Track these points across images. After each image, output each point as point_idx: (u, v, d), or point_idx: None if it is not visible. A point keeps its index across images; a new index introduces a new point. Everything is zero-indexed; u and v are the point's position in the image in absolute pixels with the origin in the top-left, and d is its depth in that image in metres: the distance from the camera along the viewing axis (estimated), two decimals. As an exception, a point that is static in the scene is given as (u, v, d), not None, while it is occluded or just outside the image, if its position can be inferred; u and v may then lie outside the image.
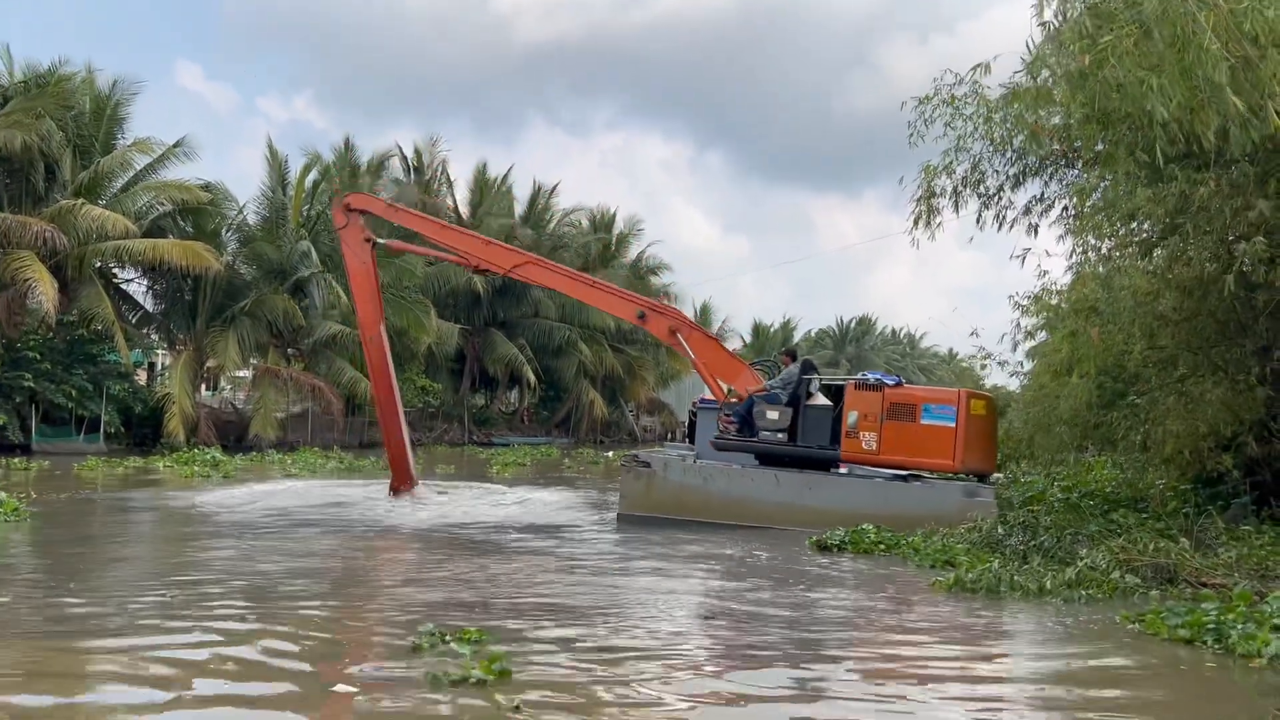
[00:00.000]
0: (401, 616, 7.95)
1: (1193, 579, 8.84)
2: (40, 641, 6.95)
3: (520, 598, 9.07)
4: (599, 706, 5.69)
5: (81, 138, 31.58)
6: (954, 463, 13.57)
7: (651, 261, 55.65)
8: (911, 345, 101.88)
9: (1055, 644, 7.56)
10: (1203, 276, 10.20)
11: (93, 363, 30.78)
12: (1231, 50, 7.74)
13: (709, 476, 14.22)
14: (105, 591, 8.92)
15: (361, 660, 6.72)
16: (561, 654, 6.80)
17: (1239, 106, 7.66)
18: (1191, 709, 6.00)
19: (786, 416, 14.41)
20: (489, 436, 46.41)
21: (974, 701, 5.94)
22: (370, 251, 18.14)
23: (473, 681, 5.83)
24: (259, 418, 32.85)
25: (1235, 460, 11.34)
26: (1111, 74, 7.90)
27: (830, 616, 8.61)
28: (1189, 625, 7.16)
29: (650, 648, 7.19)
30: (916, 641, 7.57)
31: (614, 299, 18.68)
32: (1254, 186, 9.41)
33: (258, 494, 18.26)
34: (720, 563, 11.27)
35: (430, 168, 48.15)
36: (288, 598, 8.71)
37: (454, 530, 13.86)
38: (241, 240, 36.56)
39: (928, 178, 11.37)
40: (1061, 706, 5.93)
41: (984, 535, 11.30)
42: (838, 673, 6.72)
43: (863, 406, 13.90)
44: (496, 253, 18.46)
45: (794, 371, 15.04)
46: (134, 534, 14.13)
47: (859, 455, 14.04)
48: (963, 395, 13.95)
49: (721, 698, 6.03)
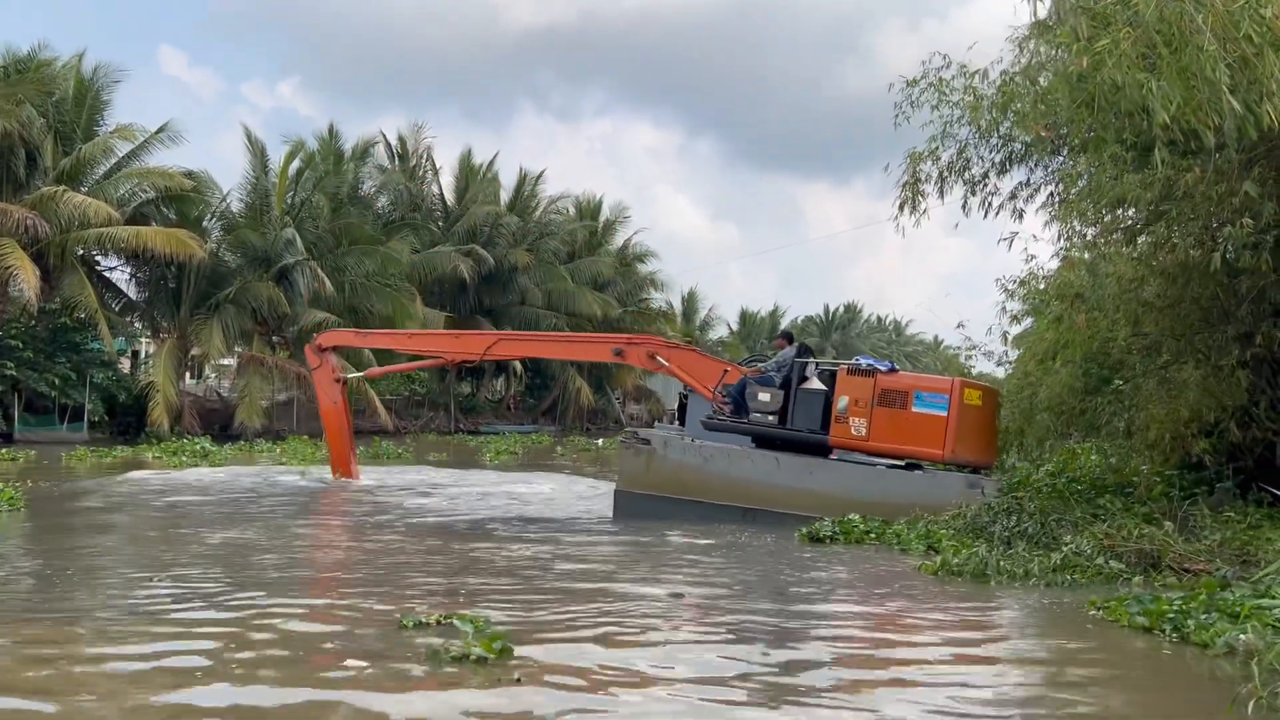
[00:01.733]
0: (408, 596, 8.01)
1: (1175, 564, 8.90)
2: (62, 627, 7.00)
3: (526, 579, 9.13)
4: (600, 685, 5.76)
5: (63, 124, 31.28)
6: (943, 452, 13.38)
7: (638, 249, 55.58)
8: (898, 332, 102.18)
9: (1012, 628, 7.66)
10: (1187, 262, 10.22)
11: (76, 351, 30.58)
12: (1228, 50, 7.76)
13: (709, 457, 14.05)
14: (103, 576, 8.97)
15: (360, 638, 6.77)
16: (560, 633, 6.93)
17: (1236, 107, 7.67)
18: (1133, 694, 5.99)
19: (778, 399, 14.30)
20: (475, 425, 46.34)
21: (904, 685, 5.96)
22: (341, 391, 18.94)
23: (473, 659, 5.92)
24: (244, 406, 32.71)
25: (1218, 445, 11.40)
26: (1109, 75, 7.91)
27: (813, 596, 8.68)
28: (1148, 614, 7.12)
29: (647, 627, 7.33)
30: (886, 623, 7.65)
31: (588, 346, 19.40)
32: (1239, 172, 9.45)
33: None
34: (712, 552, 11.28)
35: (415, 155, 47.94)
36: (280, 583, 8.72)
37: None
38: (225, 227, 36.34)
39: (913, 163, 11.37)
40: (989, 686, 5.95)
41: (968, 521, 11.31)
42: (820, 653, 6.81)
43: (854, 392, 13.77)
44: (469, 342, 19.75)
45: (789, 354, 14.96)
46: (128, 523, 14.11)
47: (848, 441, 13.89)
48: (957, 384, 13.72)
49: (713, 673, 6.10)
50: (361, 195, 43.06)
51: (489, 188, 49.23)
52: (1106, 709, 5.47)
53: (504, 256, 46.34)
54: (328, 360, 18.90)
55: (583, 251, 51.76)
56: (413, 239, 42.44)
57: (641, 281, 54.98)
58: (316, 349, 19.03)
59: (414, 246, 41.91)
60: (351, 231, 38.18)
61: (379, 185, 44.85)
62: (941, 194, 11.95)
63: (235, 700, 5.30)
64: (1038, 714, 5.39)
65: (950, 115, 11.11)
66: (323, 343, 19.25)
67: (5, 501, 13.61)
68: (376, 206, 44.57)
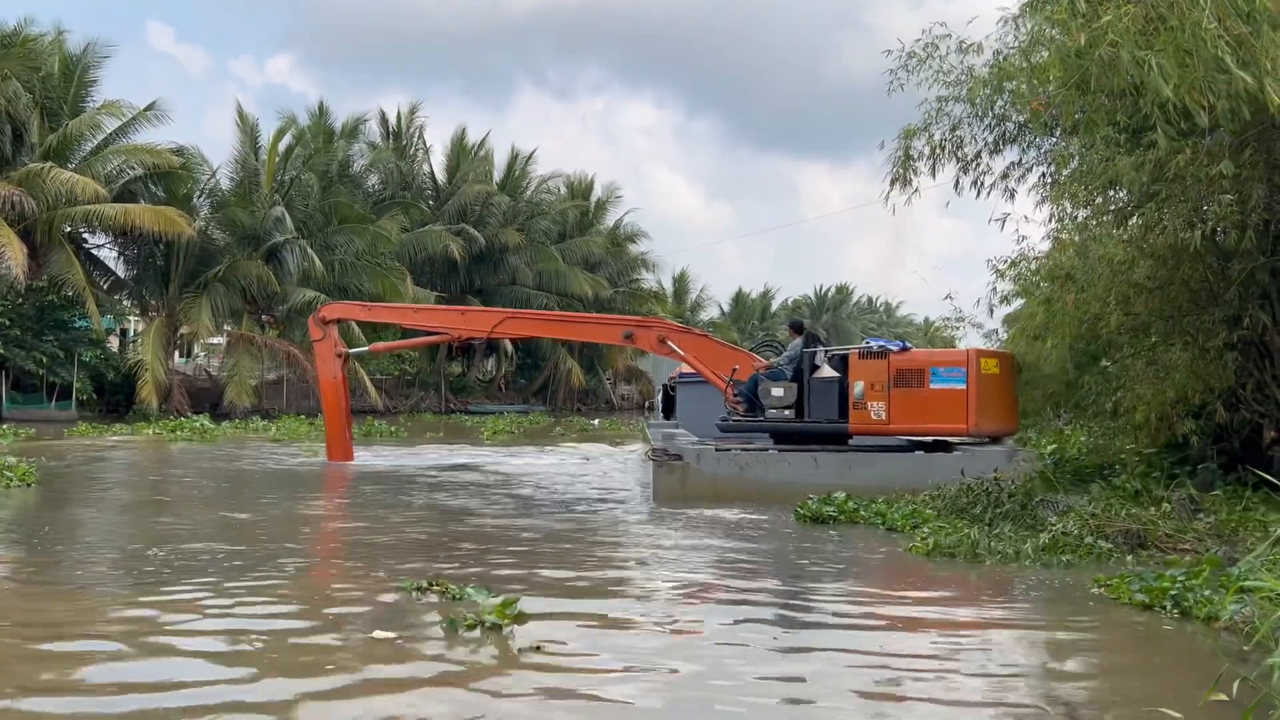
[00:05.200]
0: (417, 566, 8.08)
1: (1161, 544, 8.95)
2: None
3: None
4: (613, 649, 5.93)
5: (50, 100, 31.05)
6: (967, 426, 13.11)
7: (629, 229, 55.44)
8: (888, 314, 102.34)
9: (1008, 604, 7.71)
10: (1176, 244, 10.24)
11: (64, 329, 30.45)
12: (1228, 29, 7.75)
13: (745, 464, 13.59)
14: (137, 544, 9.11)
15: (379, 606, 6.91)
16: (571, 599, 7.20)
17: (1248, 81, 7.67)
18: (1139, 667, 6.04)
19: (792, 392, 14.04)
20: (465, 405, 46.31)
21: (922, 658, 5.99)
22: (342, 366, 18.70)
23: (488, 626, 6.04)
24: (233, 385, 32.65)
25: (1204, 427, 11.46)
26: (1108, 53, 7.89)
27: (814, 572, 8.77)
28: (1148, 591, 7.16)
29: (654, 596, 7.57)
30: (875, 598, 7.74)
31: (598, 328, 18.94)
32: (1228, 154, 9.45)
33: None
34: (721, 525, 11.33)
35: (408, 134, 47.68)
36: (294, 554, 8.74)
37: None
38: (214, 205, 36.18)
39: (906, 139, 11.31)
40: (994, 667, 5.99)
41: (949, 502, 11.20)
42: (825, 618, 7.04)
43: (868, 376, 13.47)
44: (475, 319, 19.37)
45: (798, 346, 14.72)
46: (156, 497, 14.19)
47: (869, 426, 13.58)
48: (972, 355, 13.43)
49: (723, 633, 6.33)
50: (351, 174, 42.85)
51: (480, 167, 49.04)
52: (1112, 685, 5.52)
53: (495, 236, 46.20)
54: (331, 333, 18.58)
55: (574, 231, 51.64)
56: (403, 218, 42.29)
57: (633, 262, 54.90)
58: (320, 321, 18.66)
59: (404, 225, 41.76)
60: (341, 210, 38.04)
61: (369, 163, 44.63)
62: (934, 172, 11.89)
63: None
64: (1035, 696, 5.40)
65: (945, 92, 11.07)
66: (326, 315, 18.85)
67: (19, 477, 13.82)
68: (367, 185, 44.38)
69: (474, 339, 19.04)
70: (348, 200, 39.07)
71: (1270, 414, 11.02)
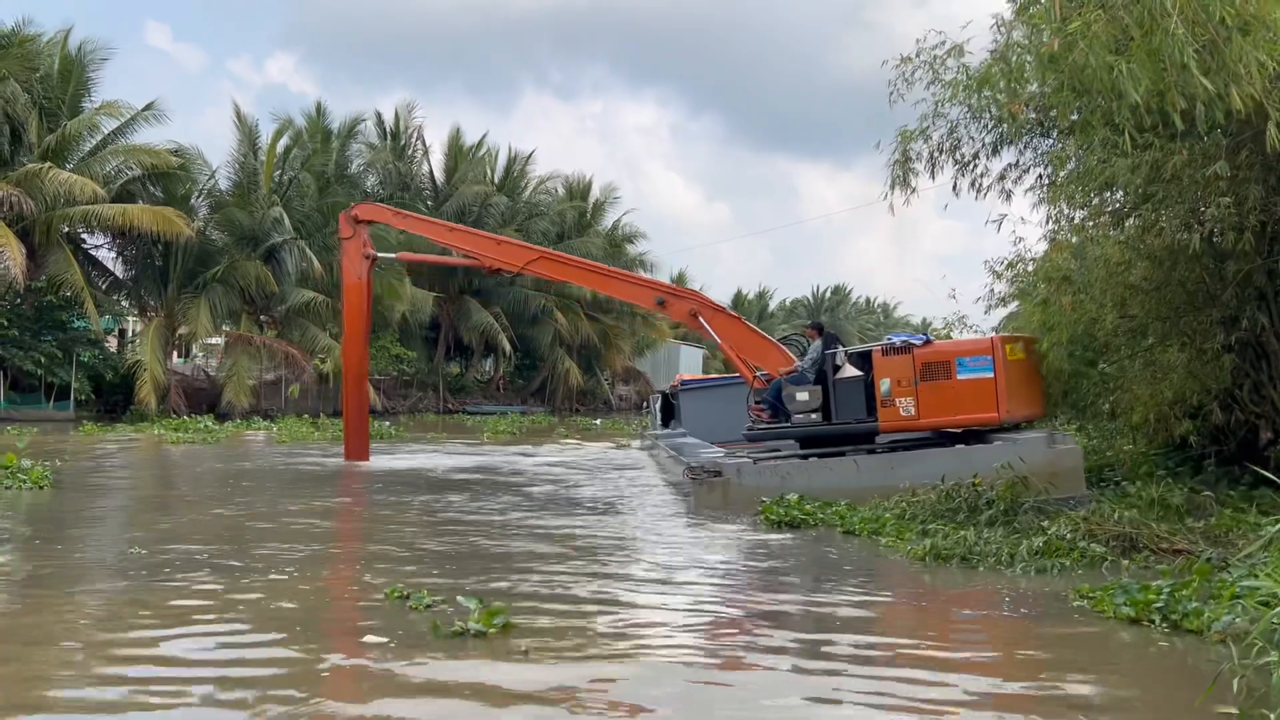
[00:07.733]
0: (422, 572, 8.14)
1: (1155, 547, 8.93)
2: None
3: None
4: (600, 657, 5.89)
5: (48, 100, 31.05)
6: (999, 414, 12.81)
7: (627, 229, 55.48)
8: (885, 314, 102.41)
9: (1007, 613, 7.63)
10: (1173, 246, 10.26)
11: (62, 329, 30.46)
12: (1197, 34, 7.78)
13: (786, 474, 13.29)
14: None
15: (358, 615, 6.87)
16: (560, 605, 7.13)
17: (1207, 88, 7.70)
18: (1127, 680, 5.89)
19: (817, 395, 13.86)
20: (463, 405, 46.33)
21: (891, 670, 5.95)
22: (368, 269, 18.45)
23: (473, 634, 6.02)
24: (231, 385, 32.65)
25: (1201, 428, 11.46)
26: (1080, 57, 7.93)
27: (798, 585, 8.69)
28: (1133, 603, 6.87)
29: (647, 603, 7.55)
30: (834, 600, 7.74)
31: (631, 287, 18.51)
32: (1224, 156, 9.48)
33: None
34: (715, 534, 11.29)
35: (406, 134, 47.68)
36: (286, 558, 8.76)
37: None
38: (213, 206, 36.18)
39: (904, 142, 11.32)
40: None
41: (926, 506, 11.11)
42: (833, 639, 6.75)
43: (894, 372, 13.25)
44: (509, 250, 18.39)
45: (819, 347, 14.53)
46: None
47: (899, 423, 13.35)
48: (997, 341, 13.15)
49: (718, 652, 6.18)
50: (349, 174, 42.83)
51: (478, 167, 49.06)
52: (1100, 700, 5.40)
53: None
54: (361, 233, 18.43)
55: (572, 232, 51.67)
56: (402, 218, 42.23)
57: (630, 262, 54.89)
58: (352, 219, 18.57)
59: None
60: (339, 210, 38.00)
61: (367, 163, 44.62)
62: (932, 174, 11.89)
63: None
64: (1023, 706, 5.35)
65: (942, 95, 11.07)
66: (359, 214, 18.82)
67: (33, 480, 13.72)
68: (365, 185, 44.36)
69: (504, 270, 18.66)
70: (346, 200, 39.02)
71: (1267, 414, 11.03)
